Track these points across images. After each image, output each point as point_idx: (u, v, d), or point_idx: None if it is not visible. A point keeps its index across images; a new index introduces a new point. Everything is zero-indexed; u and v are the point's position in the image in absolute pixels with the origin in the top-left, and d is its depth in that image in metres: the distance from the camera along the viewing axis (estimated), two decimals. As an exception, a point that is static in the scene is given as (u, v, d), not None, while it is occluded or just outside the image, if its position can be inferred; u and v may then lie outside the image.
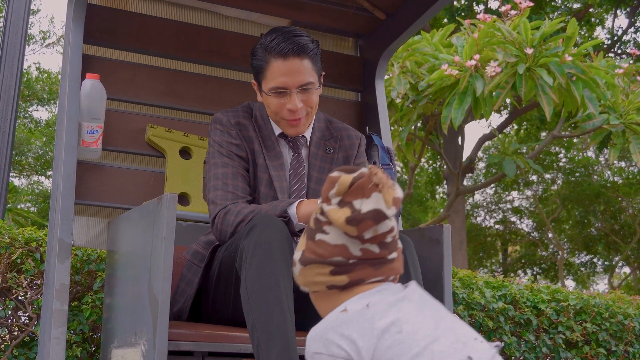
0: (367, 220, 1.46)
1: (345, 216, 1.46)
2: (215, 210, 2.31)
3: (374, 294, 1.51)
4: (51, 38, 17.91)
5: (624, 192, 17.97)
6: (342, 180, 1.49)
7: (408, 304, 1.48)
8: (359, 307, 1.46)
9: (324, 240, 1.51)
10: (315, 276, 1.53)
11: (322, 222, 1.52)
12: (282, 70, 2.32)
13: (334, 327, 1.45)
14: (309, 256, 1.53)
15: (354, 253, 1.49)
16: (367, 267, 1.51)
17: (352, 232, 1.47)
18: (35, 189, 16.95)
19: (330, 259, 1.50)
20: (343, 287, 1.52)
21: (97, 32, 2.88)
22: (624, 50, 13.71)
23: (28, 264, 3.23)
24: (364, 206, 1.46)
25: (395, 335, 1.40)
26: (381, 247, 1.50)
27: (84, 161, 2.77)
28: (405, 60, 4.99)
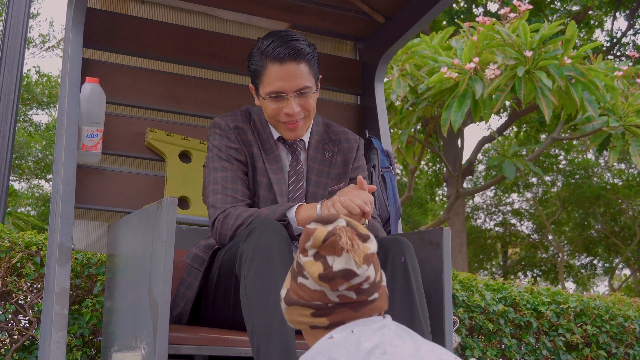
0: (337, 279, 1.51)
1: (318, 272, 1.52)
2: (215, 213, 2.32)
3: (358, 324, 1.56)
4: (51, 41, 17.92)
5: (624, 194, 17.97)
6: (317, 235, 1.54)
7: (388, 330, 1.53)
8: (344, 334, 1.52)
9: (304, 284, 1.56)
10: (298, 316, 1.59)
11: (302, 267, 1.57)
12: (278, 75, 2.32)
13: (322, 352, 1.50)
14: (292, 297, 1.59)
15: (331, 298, 1.54)
16: (347, 310, 1.55)
17: (325, 287, 1.53)
18: (35, 193, 16.95)
19: (311, 303, 1.56)
20: (325, 327, 1.57)
21: (96, 36, 2.88)
22: (623, 53, 13.71)
23: (28, 268, 3.23)
24: (335, 264, 1.51)
25: (381, 357, 1.45)
26: (358, 293, 1.55)
27: (84, 165, 2.77)
28: (404, 63, 5.00)
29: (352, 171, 2.54)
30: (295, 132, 2.41)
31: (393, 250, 2.18)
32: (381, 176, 2.97)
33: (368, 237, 1.57)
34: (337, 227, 1.54)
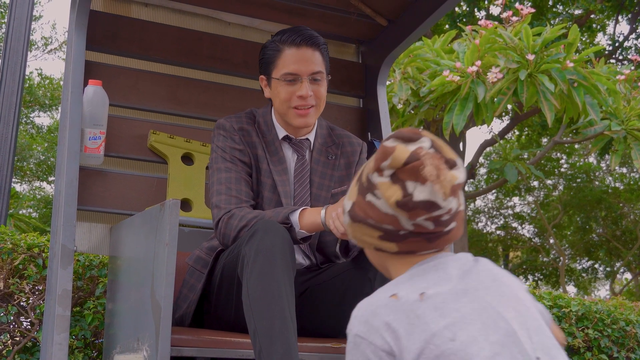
0: (418, 210, 1.30)
1: (396, 198, 1.30)
2: (219, 214, 2.32)
3: (429, 273, 1.33)
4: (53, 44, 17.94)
5: (626, 198, 17.96)
6: (397, 155, 1.31)
7: (469, 303, 1.28)
8: (412, 297, 1.28)
9: (375, 205, 1.34)
10: (363, 235, 1.39)
11: (373, 185, 1.35)
12: (295, 57, 2.40)
13: (381, 314, 1.28)
14: (358, 214, 1.38)
15: (405, 226, 1.33)
16: (420, 240, 1.35)
17: (402, 215, 1.32)
18: (37, 195, 16.96)
19: (381, 225, 1.34)
20: (392, 253, 1.37)
21: (99, 39, 2.89)
22: (625, 57, 13.71)
23: (30, 270, 3.23)
24: (417, 192, 1.30)
25: (447, 344, 1.23)
26: (436, 224, 1.33)
27: (87, 167, 2.78)
28: (406, 66, 5.00)
29: (355, 174, 2.54)
30: (306, 119, 2.43)
31: None
32: (383, 179, 2.97)
33: (455, 163, 1.34)
34: (421, 150, 1.32)
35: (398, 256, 1.38)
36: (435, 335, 1.23)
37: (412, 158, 1.31)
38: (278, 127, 2.49)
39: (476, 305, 1.28)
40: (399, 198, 1.30)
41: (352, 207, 1.40)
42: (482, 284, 1.32)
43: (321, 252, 2.46)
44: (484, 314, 1.27)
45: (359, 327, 1.29)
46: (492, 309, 1.28)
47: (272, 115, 2.52)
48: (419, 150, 1.32)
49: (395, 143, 1.33)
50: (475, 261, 1.37)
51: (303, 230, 2.22)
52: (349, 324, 1.32)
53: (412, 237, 1.34)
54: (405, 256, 1.37)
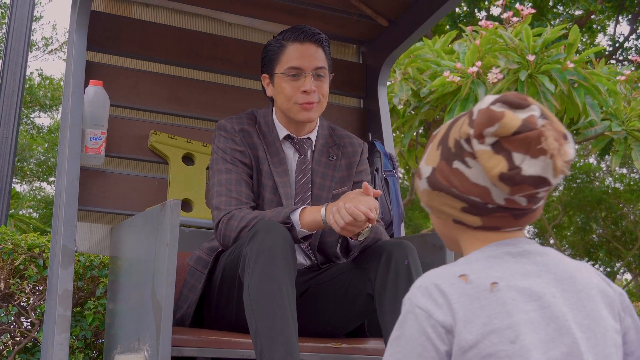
0: (525, 185, 1.16)
1: (500, 171, 1.16)
2: (220, 215, 2.32)
3: (508, 261, 1.21)
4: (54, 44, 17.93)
5: (626, 199, 17.96)
6: (507, 122, 1.16)
7: (540, 309, 1.16)
8: (482, 284, 1.16)
9: (463, 173, 1.21)
10: (442, 205, 1.26)
11: (465, 151, 1.21)
12: (298, 52, 2.42)
13: (445, 292, 1.16)
14: (441, 181, 1.24)
15: (496, 200, 1.20)
16: (507, 216, 1.22)
17: (502, 189, 1.18)
18: (37, 195, 16.96)
19: (466, 196, 1.22)
20: (474, 227, 1.25)
21: (100, 39, 2.89)
22: (626, 57, 13.72)
23: (31, 270, 3.23)
24: (526, 166, 1.16)
25: (505, 345, 1.12)
26: (529, 201, 1.21)
27: (87, 167, 2.78)
28: (407, 66, 5.00)
29: (356, 175, 2.55)
30: (309, 113, 2.43)
31: (396, 254, 2.19)
32: (384, 179, 2.97)
33: (567, 137, 1.19)
34: (534, 118, 1.17)
35: (477, 231, 1.25)
36: (495, 333, 1.13)
37: (525, 127, 1.16)
38: (279, 126, 2.49)
39: (548, 313, 1.16)
40: (504, 170, 1.16)
41: (433, 174, 1.26)
42: (562, 291, 1.20)
43: (322, 252, 2.47)
44: (552, 325, 1.16)
45: (421, 298, 1.17)
46: (563, 322, 1.16)
47: (274, 115, 2.51)
48: (531, 118, 1.17)
49: (502, 108, 1.18)
50: (561, 262, 1.24)
51: (304, 230, 2.22)
52: (408, 292, 1.20)
53: (500, 212, 1.22)
54: (486, 232, 1.25)
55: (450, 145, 1.24)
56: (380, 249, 2.23)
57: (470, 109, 1.25)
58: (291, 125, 2.48)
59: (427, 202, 1.29)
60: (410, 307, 1.18)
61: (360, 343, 2.40)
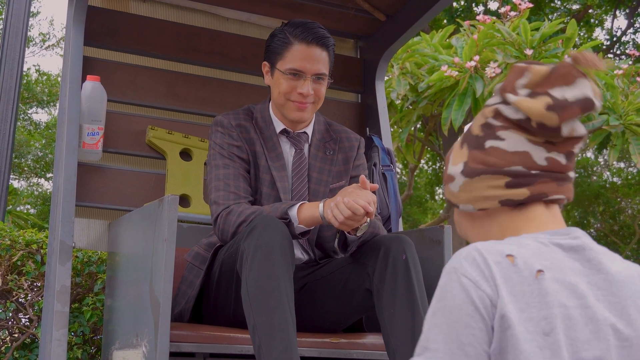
0: (574, 107, 1.18)
1: (546, 103, 1.18)
2: (218, 210, 2.32)
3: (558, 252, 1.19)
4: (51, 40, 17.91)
5: (623, 193, 17.98)
6: (536, 69, 1.21)
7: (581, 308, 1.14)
8: (528, 269, 1.14)
9: (499, 147, 1.23)
10: (485, 189, 1.24)
11: (495, 127, 1.24)
12: (303, 54, 2.40)
13: (492, 267, 1.13)
14: (477, 167, 1.24)
15: (538, 162, 1.22)
16: (551, 181, 1.23)
17: (552, 121, 1.19)
18: (35, 191, 16.95)
19: (508, 169, 1.22)
20: (519, 203, 1.23)
21: (97, 34, 2.88)
22: (623, 51, 13.72)
23: (29, 266, 3.23)
24: (567, 94, 1.19)
25: (539, 335, 1.11)
26: (568, 159, 1.23)
27: (85, 163, 2.77)
28: (405, 61, 5.00)
29: (353, 169, 2.55)
30: (302, 113, 2.43)
31: (394, 248, 2.19)
32: (382, 174, 2.97)
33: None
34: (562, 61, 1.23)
35: (520, 210, 1.24)
36: (531, 321, 1.10)
37: (556, 67, 1.21)
38: (276, 120, 2.49)
39: (588, 313, 1.14)
40: (550, 102, 1.19)
41: (465, 166, 1.26)
42: (608, 295, 1.18)
43: (320, 247, 2.47)
44: (590, 326, 1.13)
45: (469, 267, 1.13)
46: (603, 325, 1.14)
47: (270, 110, 2.51)
48: (561, 62, 1.22)
49: (527, 64, 1.23)
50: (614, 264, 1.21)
51: (302, 225, 2.22)
52: (454, 260, 1.15)
53: (544, 177, 1.22)
54: (530, 208, 1.24)
55: (476, 134, 1.26)
56: (378, 244, 2.23)
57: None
58: (287, 119, 2.48)
59: (467, 197, 1.26)
60: (455, 276, 1.13)
61: (358, 338, 2.40)
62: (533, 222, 1.24)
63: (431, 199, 20.21)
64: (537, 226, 1.24)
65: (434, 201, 20.40)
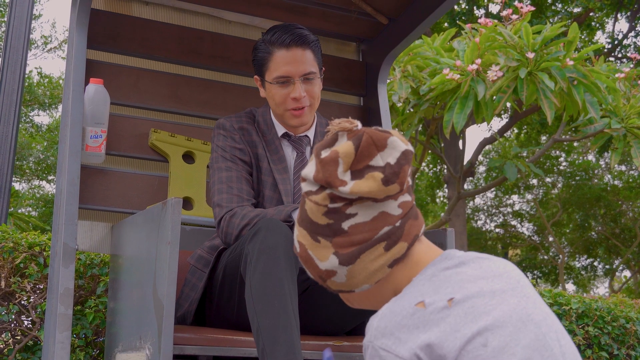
0: (403, 166, 1.24)
1: (379, 179, 1.23)
2: (221, 212, 2.33)
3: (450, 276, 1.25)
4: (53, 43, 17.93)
5: (625, 196, 17.98)
6: (344, 151, 1.24)
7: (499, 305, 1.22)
8: (440, 304, 1.20)
9: (357, 223, 1.26)
10: (371, 264, 1.27)
11: (340, 209, 1.26)
12: (285, 59, 2.38)
13: (409, 326, 1.19)
14: (349, 252, 1.27)
15: (395, 213, 1.27)
16: (412, 220, 1.29)
17: (393, 191, 1.25)
18: (36, 194, 16.95)
19: (378, 235, 1.26)
20: (403, 255, 1.28)
21: (100, 37, 2.89)
22: (625, 54, 13.72)
23: (31, 269, 3.23)
24: (387, 158, 1.24)
25: (479, 350, 1.16)
26: (409, 191, 1.30)
27: (88, 166, 2.78)
28: (406, 64, 5.00)
29: None
30: (301, 118, 2.43)
31: None
32: (384, 177, 2.98)
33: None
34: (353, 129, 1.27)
35: (404, 261, 1.29)
36: (469, 342, 1.16)
37: (358, 139, 1.25)
38: (277, 125, 2.50)
39: (505, 308, 1.21)
40: (381, 176, 1.24)
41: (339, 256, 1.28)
42: (507, 285, 1.26)
43: None
44: (514, 317, 1.21)
45: (384, 340, 1.20)
46: (521, 311, 1.22)
47: (271, 114, 2.52)
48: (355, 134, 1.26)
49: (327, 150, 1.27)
50: (489, 260, 1.30)
51: None
52: (368, 334, 1.22)
53: (406, 221, 1.28)
54: (410, 255, 1.29)
55: (325, 223, 1.28)
56: None
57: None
58: (287, 124, 2.49)
59: (358, 280, 1.29)
60: (374, 351, 1.20)
61: (360, 341, 2.40)
62: (418, 264, 1.29)
63: (432, 202, 20.21)
64: (423, 265, 1.29)
65: (434, 204, 20.40)
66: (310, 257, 1.31)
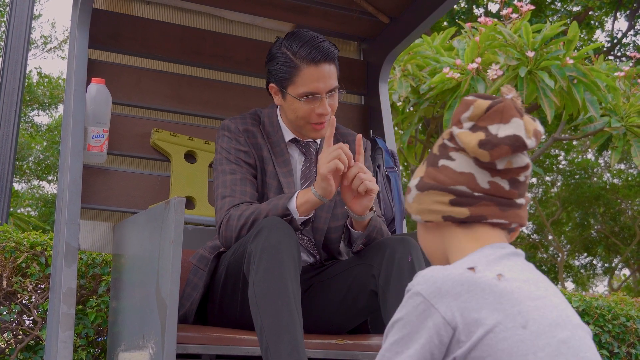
0: (502, 145, 1.28)
1: (478, 139, 1.29)
2: (220, 217, 2.33)
3: (502, 260, 1.29)
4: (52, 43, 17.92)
5: (624, 194, 17.98)
6: (479, 103, 1.32)
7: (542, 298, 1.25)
8: (490, 275, 1.24)
9: (449, 166, 1.34)
10: (432, 204, 1.35)
11: (448, 148, 1.35)
12: (314, 76, 2.34)
13: (455, 281, 1.23)
14: (428, 182, 1.36)
15: (481, 184, 1.31)
16: (492, 205, 1.32)
17: (483, 157, 1.30)
18: (36, 194, 16.95)
19: (453, 187, 1.33)
20: (461, 221, 1.34)
21: (102, 37, 2.89)
22: (624, 53, 13.73)
23: (33, 268, 3.24)
24: (500, 131, 1.29)
25: (517, 329, 1.20)
26: (511, 185, 1.32)
27: (90, 165, 2.78)
28: (406, 63, 5.01)
29: None
30: (322, 132, 2.42)
31: (400, 250, 2.19)
32: (386, 176, 2.98)
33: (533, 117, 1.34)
34: (502, 97, 1.34)
35: (465, 228, 1.34)
36: (508, 318, 1.20)
37: (494, 103, 1.31)
38: (285, 129, 2.48)
39: (547, 302, 1.26)
40: (482, 138, 1.29)
41: (420, 181, 1.38)
42: (548, 286, 1.30)
43: (326, 249, 2.47)
44: (555, 312, 1.25)
45: (428, 288, 1.23)
46: (562, 310, 1.27)
47: (279, 116, 2.50)
48: (499, 98, 1.33)
49: (475, 98, 1.33)
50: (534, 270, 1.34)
51: (302, 217, 2.22)
52: (415, 279, 1.26)
53: (486, 200, 1.32)
54: (474, 228, 1.34)
55: (435, 152, 1.38)
56: (384, 246, 2.24)
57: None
58: (298, 131, 2.47)
59: (417, 208, 1.38)
60: (414, 296, 1.24)
61: (364, 339, 2.41)
62: (477, 241, 1.34)
63: (432, 201, 20.18)
64: (480, 245, 1.33)
65: (434, 203, 20.37)
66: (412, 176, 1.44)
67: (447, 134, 1.37)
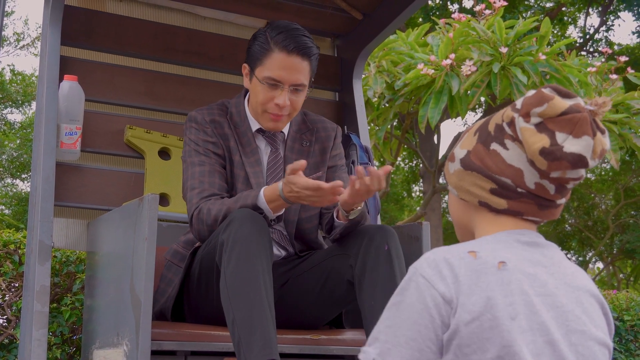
0: (564, 161, 1.21)
1: (542, 145, 1.22)
2: (191, 210, 2.32)
3: (517, 247, 1.26)
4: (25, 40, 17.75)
5: (597, 189, 18.17)
6: (555, 104, 1.22)
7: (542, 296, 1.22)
8: (491, 262, 1.21)
9: (500, 154, 1.27)
10: (471, 185, 1.31)
11: (505, 134, 1.28)
12: (282, 63, 2.33)
13: (453, 264, 1.21)
14: (474, 162, 1.30)
15: (527, 183, 1.26)
16: (532, 204, 1.28)
17: (541, 165, 1.23)
18: (9, 192, 16.78)
19: (498, 177, 1.27)
20: (496, 211, 1.29)
21: (74, 34, 2.88)
22: (596, 49, 13.86)
23: (6, 267, 3.22)
24: (568, 144, 1.21)
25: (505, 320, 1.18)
26: (557, 190, 1.27)
27: (63, 163, 2.77)
28: (381, 59, 5.02)
29: (330, 159, 2.55)
30: (277, 124, 2.42)
31: (377, 238, 2.20)
32: (360, 172, 2.99)
33: (605, 130, 1.26)
34: (582, 105, 1.24)
35: (498, 216, 1.31)
36: (496, 307, 1.17)
37: (572, 110, 1.23)
38: (251, 119, 2.48)
39: (549, 300, 1.22)
40: (546, 145, 1.21)
41: (467, 155, 1.32)
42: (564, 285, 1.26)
43: (300, 240, 2.47)
44: (553, 313, 1.21)
45: (427, 268, 1.21)
46: (562, 312, 1.22)
47: (246, 107, 2.50)
48: (578, 104, 1.24)
49: (553, 93, 1.24)
50: (564, 259, 1.31)
51: (273, 212, 2.23)
52: (418, 261, 1.24)
53: (527, 198, 1.27)
54: (507, 218, 1.30)
55: (490, 129, 1.30)
56: (362, 234, 2.25)
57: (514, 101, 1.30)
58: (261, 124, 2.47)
59: (456, 182, 1.33)
60: (414, 276, 1.22)
61: (338, 334, 2.42)
62: (500, 227, 1.31)
63: (408, 196, 20.29)
64: (502, 229, 1.31)
65: (410, 198, 20.48)
66: (462, 137, 1.36)
67: (509, 117, 1.28)
